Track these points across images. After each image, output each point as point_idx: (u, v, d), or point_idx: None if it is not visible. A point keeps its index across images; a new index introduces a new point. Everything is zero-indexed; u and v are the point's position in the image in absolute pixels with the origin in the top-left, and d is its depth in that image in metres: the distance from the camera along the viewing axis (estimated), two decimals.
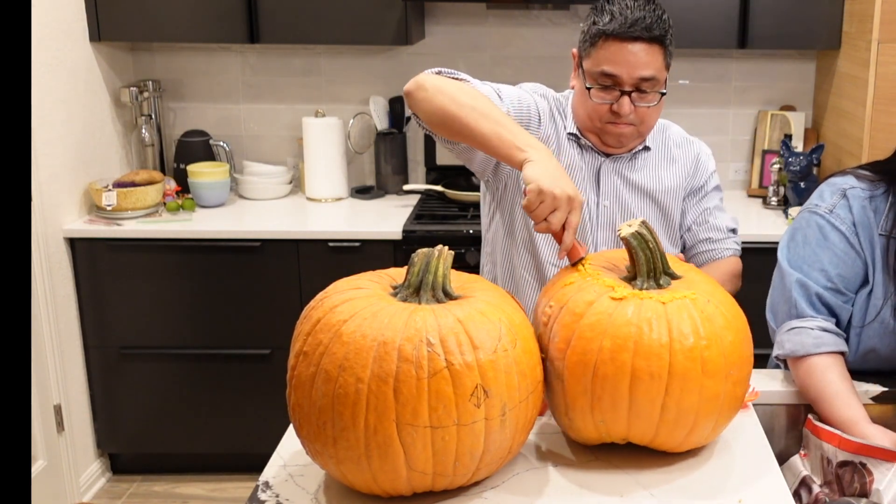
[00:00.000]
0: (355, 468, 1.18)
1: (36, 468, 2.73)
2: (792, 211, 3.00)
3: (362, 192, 3.32)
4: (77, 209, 2.95)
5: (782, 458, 1.54)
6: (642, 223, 1.34)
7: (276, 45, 3.31)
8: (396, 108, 3.34)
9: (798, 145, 3.28)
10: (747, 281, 1.92)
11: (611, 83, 1.69)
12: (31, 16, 2.65)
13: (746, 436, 1.45)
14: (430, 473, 1.18)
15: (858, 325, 1.63)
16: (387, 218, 3.04)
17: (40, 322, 2.74)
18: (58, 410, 2.83)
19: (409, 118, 3.32)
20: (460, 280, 1.33)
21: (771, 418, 1.62)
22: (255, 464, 1.79)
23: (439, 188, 3.21)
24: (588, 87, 1.71)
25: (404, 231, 2.88)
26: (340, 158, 3.23)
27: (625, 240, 1.34)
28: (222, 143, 3.31)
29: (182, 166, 3.20)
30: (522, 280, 1.86)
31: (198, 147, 3.27)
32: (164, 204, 3.08)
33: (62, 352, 2.84)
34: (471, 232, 2.89)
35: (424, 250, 1.26)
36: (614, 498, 1.27)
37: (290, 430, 1.43)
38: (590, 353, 1.24)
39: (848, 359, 1.62)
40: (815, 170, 3.10)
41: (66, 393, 2.87)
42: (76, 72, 2.94)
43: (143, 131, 3.26)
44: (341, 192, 3.26)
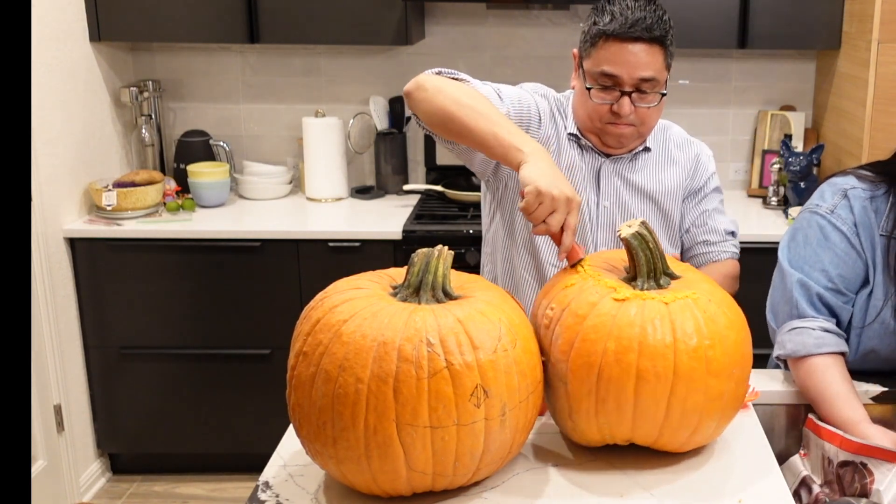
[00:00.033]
0: (355, 468, 1.18)
1: (36, 468, 2.73)
2: (792, 211, 2.99)
3: (362, 192, 3.32)
4: (77, 209, 2.95)
5: (782, 458, 1.54)
6: (642, 223, 1.34)
7: (276, 45, 3.31)
8: (396, 108, 3.34)
9: (798, 145, 3.28)
10: (747, 281, 1.92)
11: (611, 83, 1.69)
12: (31, 16, 2.64)
13: (746, 436, 1.45)
14: (429, 473, 1.18)
15: (859, 326, 1.63)
16: (387, 218, 3.04)
17: (40, 322, 2.74)
18: (58, 410, 2.83)
19: (409, 118, 3.32)
20: (460, 280, 1.32)
21: (771, 418, 1.62)
22: (255, 464, 1.79)
23: (439, 188, 3.21)
24: (588, 88, 1.71)
25: (404, 231, 2.88)
26: (340, 158, 3.23)
27: (625, 240, 1.33)
28: (222, 143, 3.31)
29: (182, 166, 3.20)
30: (522, 280, 1.85)
31: (198, 147, 3.27)
32: (164, 204, 3.08)
33: (62, 352, 2.84)
34: (471, 232, 2.89)
35: (424, 250, 1.26)
36: (614, 498, 1.27)
37: (290, 430, 1.43)
38: (594, 355, 1.24)
39: (848, 359, 1.62)
40: (815, 170, 3.10)
41: (66, 393, 2.87)
42: (76, 72, 2.94)
43: (143, 131, 3.26)
44: (341, 192, 3.26)
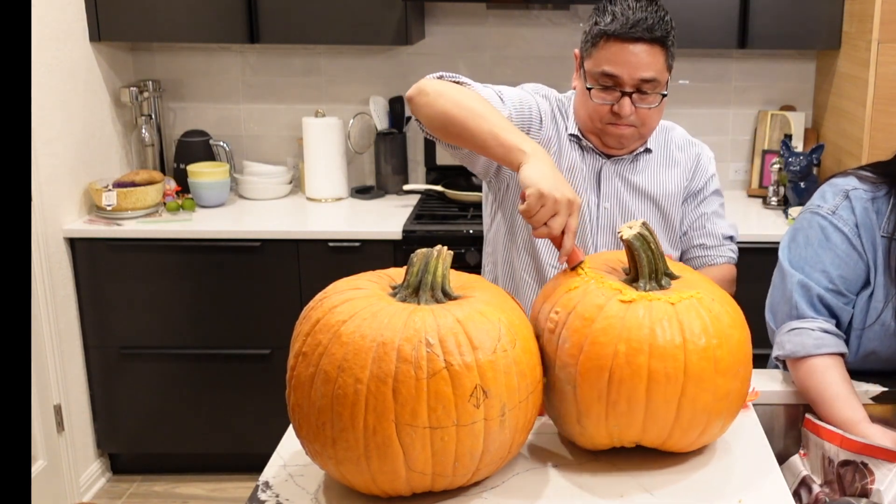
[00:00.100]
0: (354, 469, 1.18)
1: (36, 468, 2.73)
2: (792, 211, 2.99)
3: (362, 192, 3.32)
4: (77, 209, 2.95)
5: (782, 458, 1.54)
6: (643, 224, 1.33)
7: (276, 45, 3.31)
8: (396, 108, 3.34)
9: (798, 145, 3.27)
10: (747, 281, 1.91)
11: (611, 84, 1.69)
12: (31, 16, 2.64)
13: (746, 436, 1.45)
14: (429, 474, 1.18)
15: (859, 328, 1.62)
16: (387, 218, 3.04)
17: (40, 322, 2.74)
18: (58, 410, 2.83)
19: (409, 118, 3.32)
20: (460, 280, 1.32)
21: (771, 418, 1.62)
22: (255, 464, 1.79)
23: (439, 188, 3.21)
24: (589, 88, 1.71)
25: (404, 231, 2.88)
26: (340, 158, 3.23)
27: (627, 242, 1.32)
28: (222, 143, 3.31)
29: (182, 166, 3.20)
30: (522, 281, 1.85)
31: (198, 147, 3.27)
32: (164, 204, 3.08)
33: (62, 352, 2.84)
34: (471, 232, 2.89)
35: (423, 250, 1.26)
36: (614, 499, 1.27)
37: (290, 430, 1.43)
38: (604, 358, 1.23)
39: (848, 360, 1.62)
40: (815, 170, 3.10)
41: (66, 393, 2.87)
42: (76, 72, 2.94)
43: (143, 131, 3.26)
44: (341, 192, 3.26)
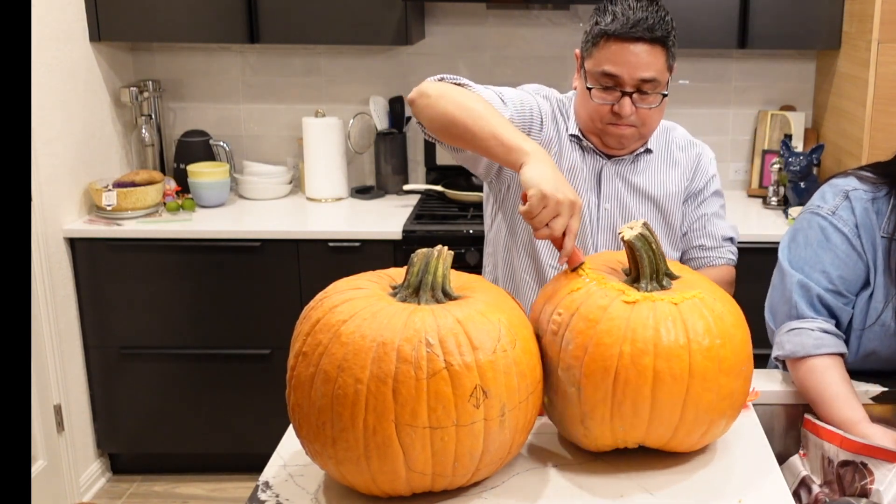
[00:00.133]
0: (354, 469, 1.18)
1: (36, 468, 2.73)
2: (792, 211, 2.99)
3: (362, 192, 3.32)
4: (77, 209, 2.95)
5: (782, 458, 1.54)
6: (644, 224, 1.33)
7: (276, 45, 3.31)
8: (396, 108, 3.34)
9: (798, 145, 3.27)
10: (747, 281, 1.91)
11: (612, 84, 1.68)
12: (31, 16, 2.64)
13: (746, 436, 1.45)
14: (429, 474, 1.18)
15: (859, 328, 1.62)
16: (387, 218, 3.04)
17: (40, 322, 2.74)
18: (58, 410, 2.83)
19: (409, 118, 3.32)
20: (460, 280, 1.32)
21: (771, 418, 1.62)
22: (255, 464, 1.79)
23: (439, 188, 3.21)
24: (589, 88, 1.71)
25: (404, 231, 2.88)
26: (340, 158, 3.23)
27: (629, 242, 1.32)
28: (222, 143, 3.31)
29: (182, 166, 3.20)
30: (522, 282, 1.85)
31: (198, 147, 3.27)
32: (164, 204, 3.08)
33: (62, 352, 2.84)
34: (471, 232, 2.89)
35: (424, 250, 1.26)
36: (614, 499, 1.27)
37: (290, 430, 1.43)
38: (610, 359, 1.23)
39: (848, 360, 1.62)
40: (815, 170, 3.10)
41: (66, 393, 2.87)
42: (76, 72, 2.94)
43: (143, 131, 3.26)
44: (341, 192, 3.26)
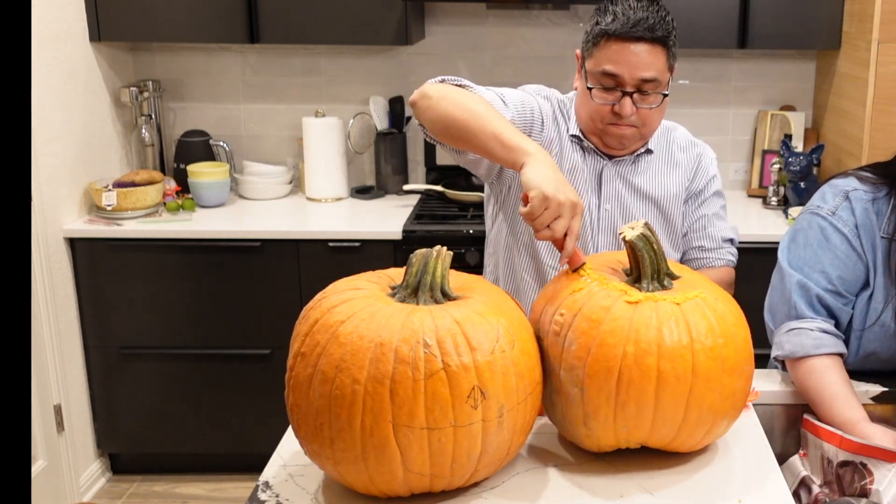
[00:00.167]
0: (352, 469, 1.17)
1: (36, 468, 2.73)
2: (792, 211, 2.99)
3: (362, 192, 3.32)
4: (77, 209, 2.95)
5: (782, 458, 1.54)
6: (645, 224, 1.33)
7: (276, 45, 3.31)
8: (396, 108, 3.34)
9: (798, 145, 3.27)
10: (747, 281, 1.91)
11: (612, 84, 1.68)
12: (31, 16, 2.64)
13: (746, 436, 1.45)
14: (427, 475, 1.18)
15: (859, 329, 1.62)
16: (387, 218, 3.04)
17: (40, 322, 2.74)
18: (58, 410, 2.83)
19: (409, 118, 3.32)
20: (460, 280, 1.32)
21: (771, 418, 1.62)
22: (255, 464, 1.79)
23: (439, 188, 3.21)
24: (590, 88, 1.71)
25: (404, 231, 2.88)
26: (340, 158, 3.23)
27: (630, 242, 1.32)
28: (222, 143, 3.31)
29: (182, 166, 3.20)
30: (523, 282, 1.85)
31: (198, 147, 3.27)
32: (164, 204, 3.08)
33: (62, 352, 2.84)
34: (471, 232, 2.89)
35: (423, 251, 1.26)
36: (614, 499, 1.27)
37: (290, 431, 1.43)
38: (613, 360, 1.23)
39: (848, 361, 1.62)
40: (815, 170, 3.09)
41: (66, 393, 2.87)
42: (76, 72, 2.94)
43: (143, 131, 3.26)
44: (341, 192, 3.26)
